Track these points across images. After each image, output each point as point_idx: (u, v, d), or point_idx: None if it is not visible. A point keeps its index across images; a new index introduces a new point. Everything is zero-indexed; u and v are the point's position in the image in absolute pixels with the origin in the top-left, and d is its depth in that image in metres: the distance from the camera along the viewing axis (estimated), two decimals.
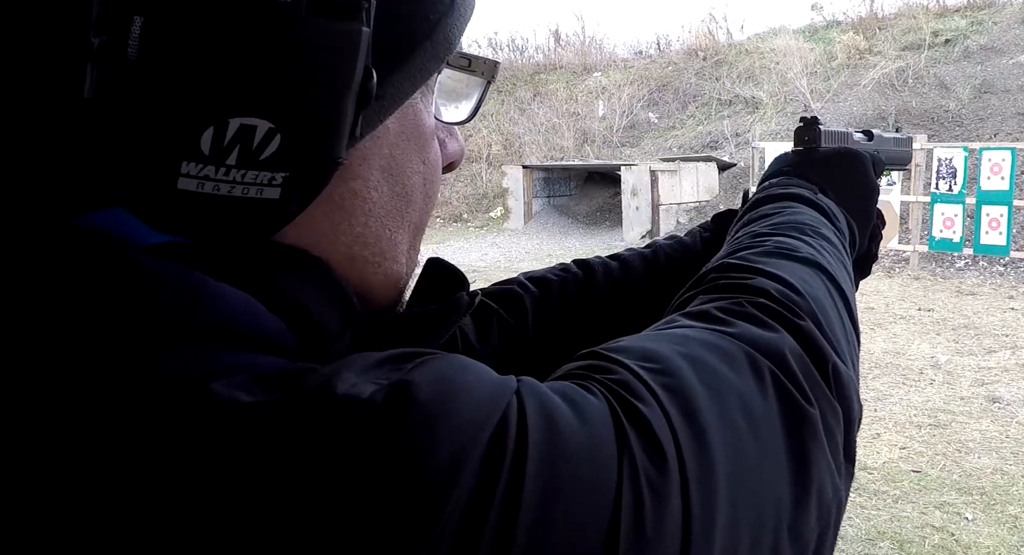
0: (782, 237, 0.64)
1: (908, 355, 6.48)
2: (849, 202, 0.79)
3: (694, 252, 0.89)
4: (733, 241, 0.68)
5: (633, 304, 0.83)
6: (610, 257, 0.89)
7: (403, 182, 0.49)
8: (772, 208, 0.73)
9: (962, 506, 3.93)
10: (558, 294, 0.82)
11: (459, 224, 15.55)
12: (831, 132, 0.85)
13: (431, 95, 0.51)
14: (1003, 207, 8.95)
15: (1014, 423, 5.00)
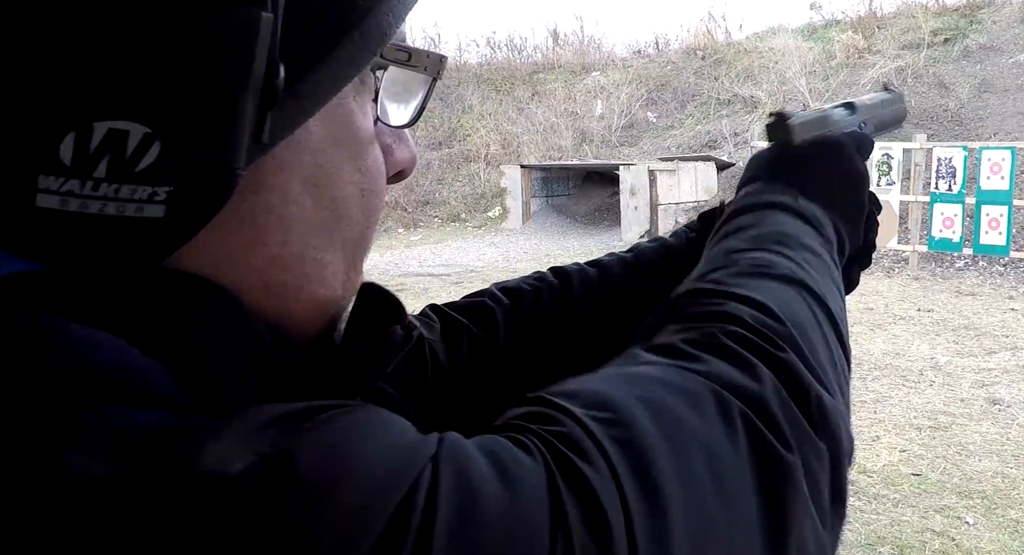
0: (759, 252, 0.59)
1: (908, 356, 6.44)
2: (835, 197, 0.72)
3: (679, 253, 0.83)
4: (706, 260, 0.63)
5: (614, 312, 0.78)
6: (589, 263, 0.83)
7: (332, 194, 0.43)
8: (748, 219, 0.67)
9: (963, 510, 3.88)
10: (532, 305, 0.77)
11: (457, 224, 15.50)
12: (806, 121, 0.76)
13: (369, 94, 0.45)
14: (1003, 207, 8.91)
15: (1015, 425, 4.96)
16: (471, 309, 0.75)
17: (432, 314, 0.74)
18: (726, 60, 16.58)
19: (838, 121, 0.81)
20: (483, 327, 0.73)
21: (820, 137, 0.77)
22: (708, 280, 0.55)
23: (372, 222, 0.48)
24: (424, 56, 0.46)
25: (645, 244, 0.86)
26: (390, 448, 0.34)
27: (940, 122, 12.32)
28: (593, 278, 0.80)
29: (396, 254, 12.99)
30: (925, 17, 14.72)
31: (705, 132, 15.08)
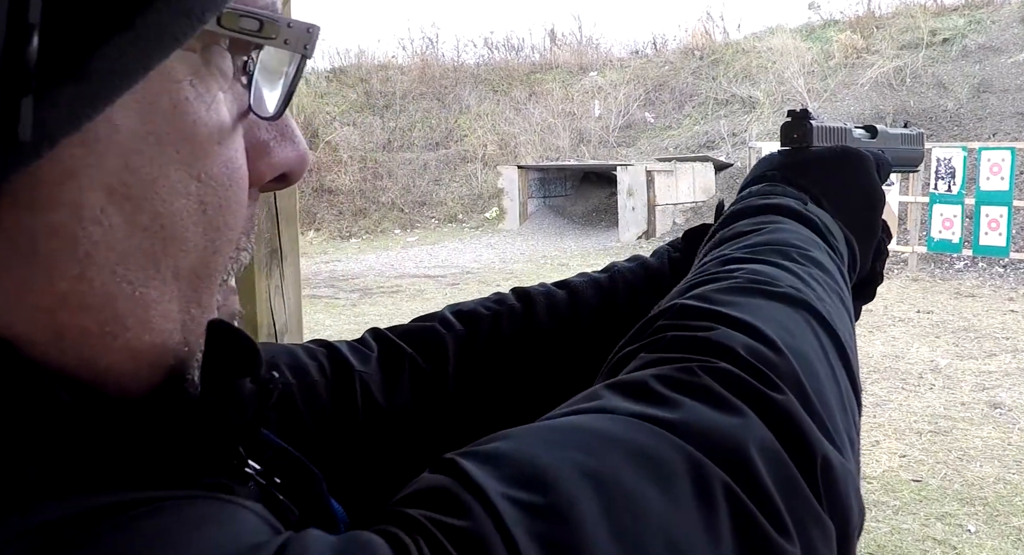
0: (758, 264, 0.50)
1: (907, 359, 6.37)
2: (848, 213, 0.64)
3: (659, 276, 0.74)
4: (697, 270, 0.54)
5: (583, 342, 0.68)
6: (558, 284, 0.73)
7: (154, 209, 0.33)
8: (750, 224, 0.58)
9: (964, 517, 3.81)
10: (488, 332, 0.67)
11: (454, 225, 15.42)
12: (826, 128, 0.71)
13: (220, 78, 0.35)
14: (1003, 207, 8.84)
15: (1016, 430, 4.89)
16: (418, 335, 0.66)
17: (372, 341, 0.65)
18: (724, 60, 16.52)
19: (857, 139, 0.75)
20: (430, 357, 0.64)
21: (840, 146, 0.70)
22: (696, 295, 0.46)
23: (223, 244, 0.37)
24: (284, 26, 0.36)
25: (622, 265, 0.76)
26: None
27: (939, 122, 12.26)
28: (561, 302, 0.70)
29: (392, 255, 12.91)
30: (924, 17, 14.66)
31: (703, 132, 15.02)
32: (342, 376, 0.60)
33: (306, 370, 0.59)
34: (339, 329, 7.91)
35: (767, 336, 0.41)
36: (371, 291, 10.03)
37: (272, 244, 2.77)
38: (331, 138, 16.78)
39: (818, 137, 0.69)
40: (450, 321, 0.68)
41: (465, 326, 0.68)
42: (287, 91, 0.38)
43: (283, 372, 0.57)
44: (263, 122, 0.39)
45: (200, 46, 0.34)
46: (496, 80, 18.54)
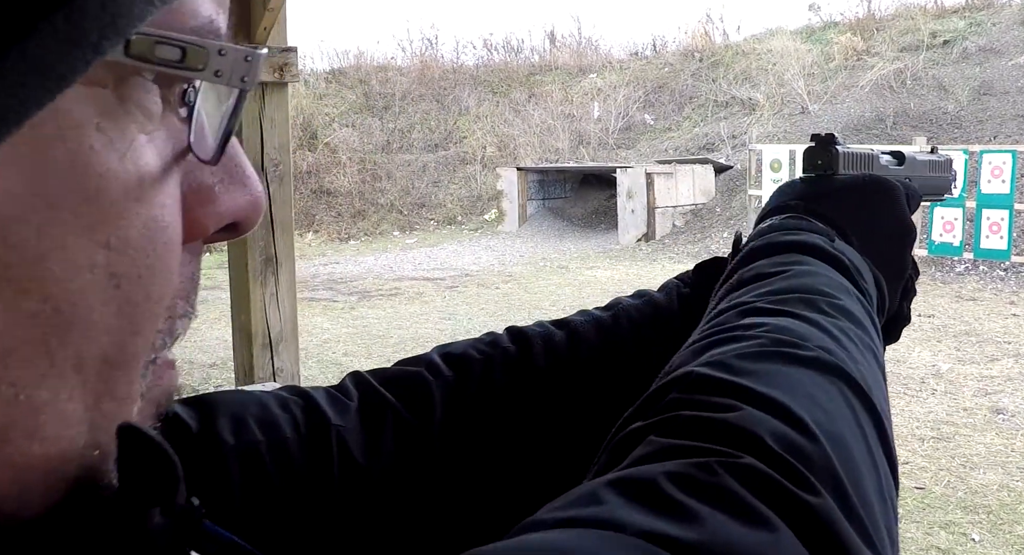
0: (784, 318, 0.44)
1: (909, 363, 6.33)
2: (877, 249, 0.60)
3: (668, 314, 0.67)
4: (713, 318, 0.48)
5: (583, 387, 0.62)
6: (557, 323, 0.67)
7: (44, 291, 0.27)
8: (772, 265, 0.53)
9: (968, 526, 3.77)
10: (480, 378, 0.61)
11: (453, 227, 15.38)
12: (852, 154, 0.65)
13: (139, 116, 0.29)
14: (1004, 211, 8.81)
15: (1019, 436, 4.85)
16: (402, 382, 0.60)
17: (352, 388, 0.59)
18: (724, 62, 16.49)
19: (884, 166, 0.70)
20: (414, 407, 0.59)
21: (868, 174, 0.65)
22: (715, 362, 0.40)
23: (145, 321, 0.30)
24: (215, 54, 0.29)
25: (627, 301, 0.70)
26: None
27: (940, 125, 12.23)
28: (559, 344, 0.64)
29: (391, 257, 12.86)
30: (924, 19, 14.64)
31: (703, 134, 14.98)
32: (317, 431, 0.55)
33: (277, 425, 0.54)
34: (337, 333, 7.87)
35: (799, 418, 0.35)
36: (370, 294, 9.99)
37: (267, 252, 2.75)
38: (330, 139, 16.73)
39: (844, 164, 0.64)
40: (438, 366, 0.62)
41: (454, 371, 0.62)
42: (224, 131, 0.32)
43: (250, 429, 0.52)
44: (210, 162, 0.32)
45: (112, 80, 0.28)
46: (495, 82, 18.50)
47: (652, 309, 0.68)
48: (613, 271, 10.86)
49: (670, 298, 0.69)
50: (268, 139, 2.48)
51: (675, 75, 16.82)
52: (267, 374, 2.48)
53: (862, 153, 0.67)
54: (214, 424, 0.51)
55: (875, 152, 0.69)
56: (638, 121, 16.22)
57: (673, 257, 11.55)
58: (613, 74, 17.62)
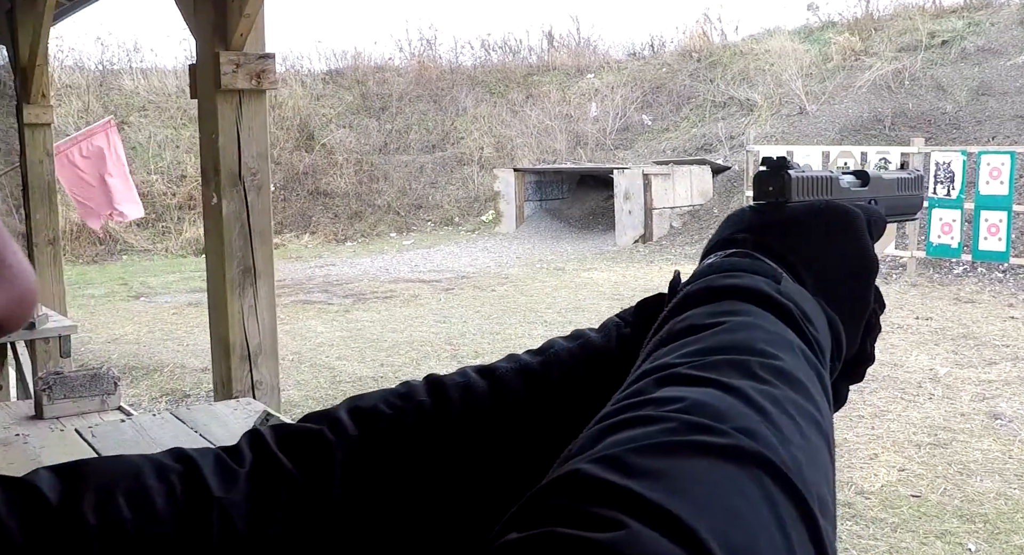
0: (706, 387, 0.39)
1: (906, 367, 6.28)
2: (834, 286, 0.54)
3: (605, 357, 0.61)
4: (628, 388, 0.42)
5: (508, 440, 0.58)
6: (482, 370, 0.62)
7: None
8: (706, 314, 0.47)
9: (964, 535, 3.72)
10: (389, 435, 0.56)
11: (450, 228, 15.33)
12: (807, 178, 0.59)
13: None
14: (1002, 212, 8.76)
15: (1017, 442, 4.80)
16: (300, 443, 0.55)
17: (247, 450, 0.55)
18: (722, 62, 16.44)
19: (846, 189, 0.63)
20: (311, 472, 0.54)
21: (824, 201, 0.58)
22: (607, 457, 0.34)
23: None
24: None
25: (560, 345, 0.64)
26: None
27: (938, 125, 12.18)
28: (480, 395, 0.59)
29: (387, 259, 12.81)
30: (922, 19, 14.59)
31: (700, 135, 14.93)
32: (196, 503, 0.50)
33: (149, 498, 0.49)
34: (331, 336, 7.82)
35: (699, 541, 0.29)
36: (365, 296, 9.93)
37: (245, 262, 2.69)
38: (327, 140, 16.68)
39: (798, 190, 0.58)
40: (342, 424, 0.57)
41: (360, 428, 0.57)
42: None
43: (118, 504, 0.48)
44: None
45: None
46: (493, 82, 18.45)
47: (587, 352, 0.62)
48: (610, 273, 10.81)
49: (608, 339, 0.63)
50: (246, 148, 2.43)
51: (673, 75, 16.77)
52: (246, 387, 2.43)
53: (818, 177, 0.60)
54: (78, 499, 0.47)
55: (834, 174, 0.63)
56: (636, 122, 16.17)
57: (670, 258, 11.49)
58: (611, 74, 17.57)
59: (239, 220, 2.43)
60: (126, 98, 16.19)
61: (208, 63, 2.42)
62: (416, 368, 6.65)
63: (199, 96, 2.53)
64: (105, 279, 11.79)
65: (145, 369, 6.94)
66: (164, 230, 14.36)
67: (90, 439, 1.86)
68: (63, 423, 2.96)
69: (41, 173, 5.02)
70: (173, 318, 8.96)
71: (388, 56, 19.79)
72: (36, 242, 5.08)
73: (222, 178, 2.42)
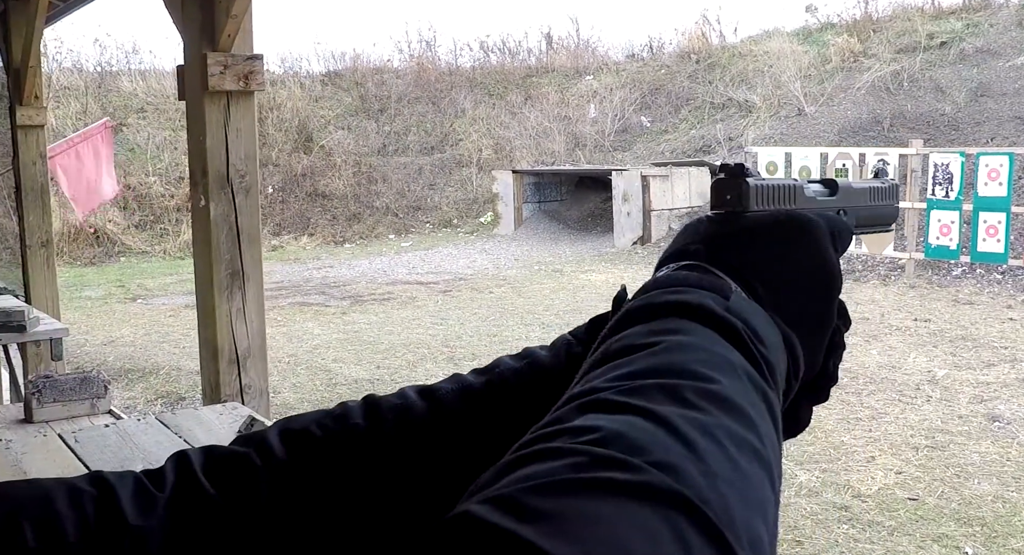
0: (629, 415, 0.35)
1: (904, 369, 6.25)
2: (791, 301, 0.50)
3: (553, 377, 0.58)
4: (550, 416, 0.39)
5: (446, 463, 0.56)
6: (424, 391, 0.59)
7: None
8: (644, 334, 0.43)
9: (962, 539, 3.69)
10: (318, 459, 0.55)
11: (448, 230, 15.31)
12: (768, 187, 0.55)
13: None
14: (1001, 214, 8.74)
15: (1015, 444, 4.77)
16: (227, 467, 0.54)
17: (171, 474, 0.53)
18: (721, 64, 16.42)
19: (812, 198, 0.60)
20: (235, 498, 0.52)
21: (783, 211, 0.55)
22: (505, 493, 0.31)
23: None
24: None
25: (506, 364, 0.61)
26: None
27: (937, 127, 12.16)
28: (417, 417, 0.57)
29: (385, 261, 12.79)
30: (921, 20, 14.57)
31: (699, 137, 14.92)
32: (109, 531, 0.48)
33: (59, 526, 0.47)
34: (327, 338, 7.79)
35: None
36: (362, 298, 9.91)
37: (233, 265, 2.67)
38: (325, 142, 16.67)
39: (757, 199, 0.54)
40: (270, 447, 0.55)
41: (289, 451, 0.55)
42: None
43: (23, 534, 0.46)
44: None
45: None
46: (492, 84, 18.44)
47: (534, 372, 0.60)
48: (608, 274, 10.79)
49: (558, 358, 0.60)
50: (234, 150, 2.40)
51: (671, 77, 16.75)
52: (234, 391, 2.41)
53: (780, 185, 0.56)
54: None
55: (799, 183, 0.59)
56: (634, 123, 16.16)
57: None
58: (609, 76, 17.56)
59: (227, 222, 2.41)
60: (124, 100, 16.19)
61: (195, 64, 2.40)
62: (412, 370, 6.63)
63: (187, 98, 2.50)
64: (102, 281, 11.77)
65: (141, 371, 6.92)
66: (162, 232, 14.35)
67: (73, 445, 1.84)
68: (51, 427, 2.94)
69: (34, 175, 5.00)
70: (170, 320, 8.94)
71: (387, 57, 19.81)
72: (29, 244, 5.06)
73: (210, 180, 2.39)
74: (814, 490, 4.21)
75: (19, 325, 3.70)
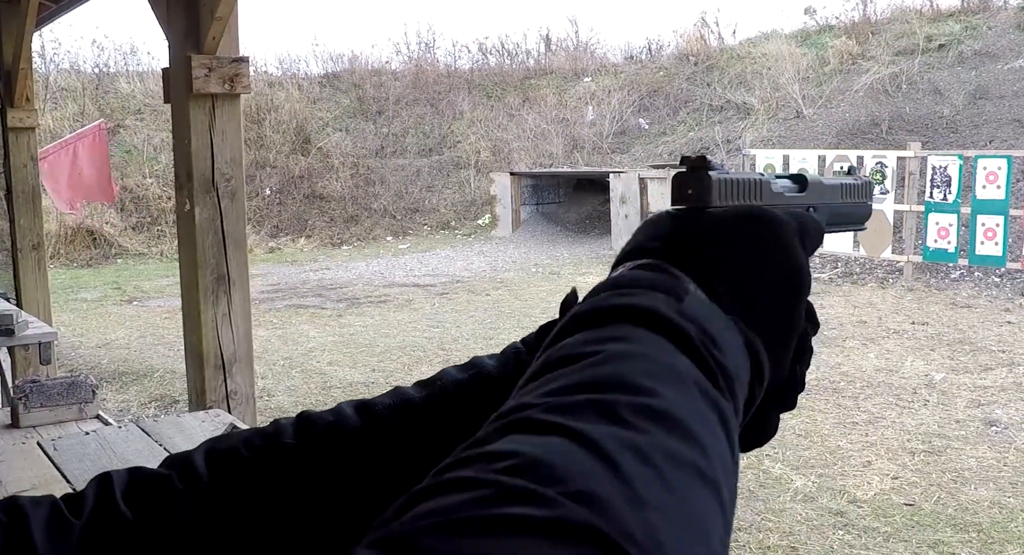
0: (554, 436, 0.32)
1: (901, 373, 6.23)
2: (754, 303, 0.47)
3: (500, 388, 0.55)
4: (474, 438, 0.35)
5: (381, 478, 0.54)
6: (359, 406, 0.57)
7: None
8: (586, 342, 0.40)
9: (957, 545, 3.66)
10: (245, 475, 0.53)
11: (446, 232, 15.29)
12: (732, 181, 0.51)
13: None
14: (999, 217, 8.72)
15: (1012, 449, 4.74)
16: (147, 491, 0.52)
17: (92, 498, 0.51)
18: (719, 66, 16.40)
19: (779, 194, 0.56)
20: (153, 522, 0.50)
21: (748, 208, 0.51)
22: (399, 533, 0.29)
23: None
24: None
25: (450, 376, 0.58)
26: None
27: (935, 129, 12.14)
28: (351, 432, 0.54)
29: (383, 263, 12.76)
30: (920, 22, 14.55)
31: (697, 139, 14.89)
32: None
33: None
34: (323, 341, 7.76)
35: None
36: (359, 301, 9.88)
37: (219, 270, 2.64)
38: (323, 144, 16.65)
39: (720, 193, 0.50)
40: (195, 469, 0.53)
41: (213, 473, 0.53)
42: None
43: None
44: None
45: None
46: (490, 86, 18.42)
47: (478, 384, 0.57)
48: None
49: (505, 367, 0.58)
50: (219, 153, 2.37)
51: (670, 79, 16.73)
52: (220, 397, 2.38)
53: (745, 179, 0.52)
54: None
55: (765, 177, 0.55)
56: (633, 125, 16.13)
57: None
58: (608, 78, 17.54)
59: (212, 227, 2.38)
60: (122, 101, 16.16)
61: (180, 67, 2.37)
62: (408, 373, 6.60)
63: (172, 101, 2.48)
64: (99, 283, 11.74)
65: (135, 374, 6.88)
66: (159, 234, 14.33)
67: (52, 453, 1.81)
68: (37, 433, 2.91)
69: (25, 178, 4.97)
70: (165, 322, 8.90)
71: (385, 59, 19.78)
72: (20, 247, 5.03)
73: (195, 184, 2.36)
74: (809, 495, 4.18)
75: (7, 329, 3.67)
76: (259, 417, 3.88)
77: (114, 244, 13.87)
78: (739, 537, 3.75)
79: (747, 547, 3.68)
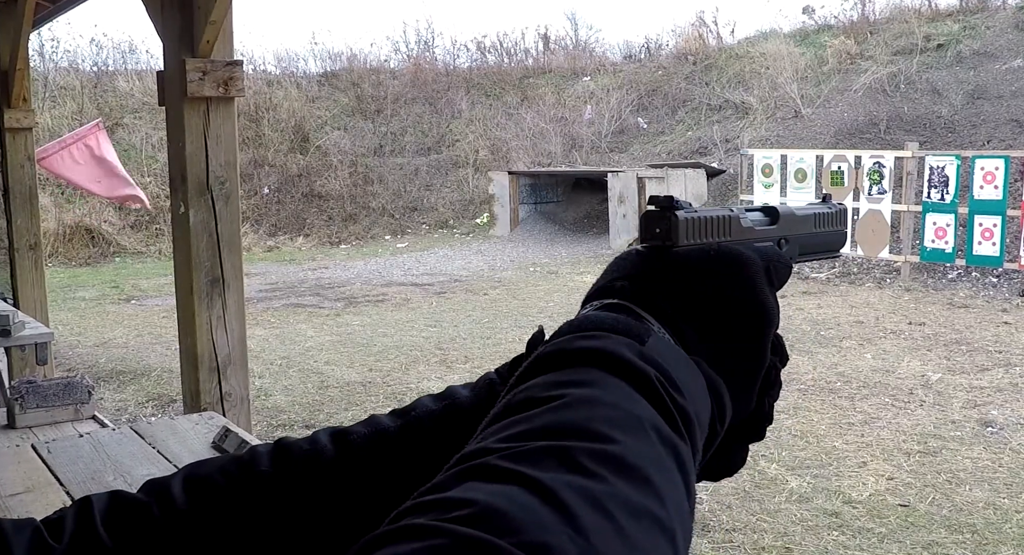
0: (511, 485, 0.33)
1: (898, 373, 6.23)
2: (719, 340, 0.48)
3: (473, 420, 0.53)
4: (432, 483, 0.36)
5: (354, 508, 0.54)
6: (336, 435, 0.57)
7: None
8: (547, 386, 0.41)
9: (952, 546, 3.67)
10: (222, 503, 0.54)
11: (445, 231, 15.29)
12: (698, 219, 0.52)
13: None
14: (996, 217, 8.73)
15: (1007, 450, 4.75)
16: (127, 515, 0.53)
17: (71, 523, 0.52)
18: (717, 65, 16.41)
19: (748, 229, 0.56)
20: (131, 549, 0.51)
21: (715, 246, 0.52)
22: None
23: None
24: None
25: (424, 407, 0.59)
26: None
27: (933, 129, 12.15)
28: (326, 462, 0.55)
29: (381, 262, 12.76)
30: (918, 22, 14.56)
31: (696, 138, 14.90)
32: None
33: None
34: (320, 341, 7.77)
35: None
36: (356, 300, 9.88)
37: (213, 272, 2.64)
38: (321, 143, 16.64)
39: (687, 233, 0.51)
40: (172, 497, 0.54)
41: (190, 500, 0.54)
42: None
43: None
44: None
45: None
46: (488, 85, 18.42)
47: (451, 415, 0.58)
48: None
49: (478, 398, 0.58)
50: (213, 156, 2.38)
51: (668, 78, 16.73)
52: (215, 399, 2.39)
53: (713, 217, 0.53)
54: None
55: (735, 213, 0.56)
56: (631, 124, 16.14)
57: None
58: (606, 77, 17.54)
59: (207, 229, 2.39)
60: (120, 100, 16.15)
61: (175, 70, 2.38)
62: (405, 373, 6.61)
63: (167, 104, 2.48)
64: (97, 282, 11.74)
65: (133, 373, 6.89)
66: (157, 232, 14.33)
67: (45, 455, 1.82)
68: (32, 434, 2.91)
69: (22, 178, 4.98)
70: (163, 321, 8.90)
71: (384, 58, 19.78)
72: (17, 247, 5.03)
73: (189, 187, 2.37)
74: (805, 496, 4.19)
75: (3, 330, 3.68)
76: (255, 417, 3.89)
77: (112, 243, 13.88)
78: (734, 538, 3.76)
79: (742, 548, 3.69)
